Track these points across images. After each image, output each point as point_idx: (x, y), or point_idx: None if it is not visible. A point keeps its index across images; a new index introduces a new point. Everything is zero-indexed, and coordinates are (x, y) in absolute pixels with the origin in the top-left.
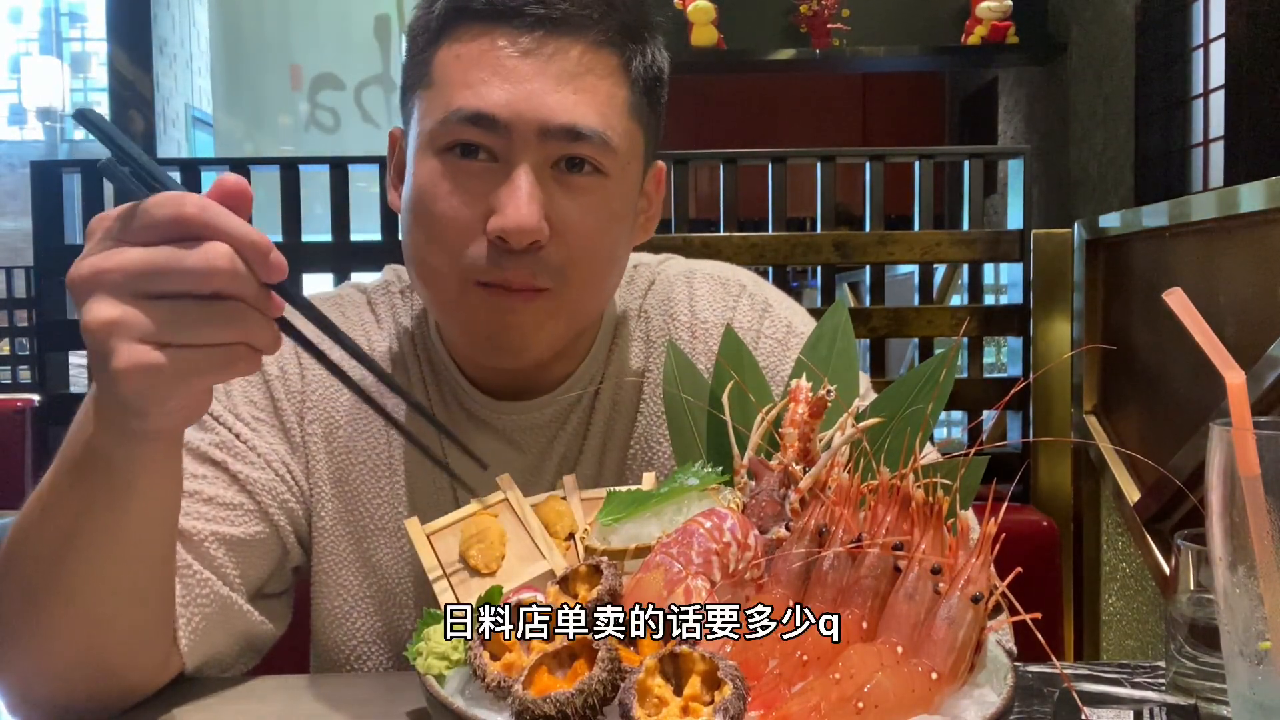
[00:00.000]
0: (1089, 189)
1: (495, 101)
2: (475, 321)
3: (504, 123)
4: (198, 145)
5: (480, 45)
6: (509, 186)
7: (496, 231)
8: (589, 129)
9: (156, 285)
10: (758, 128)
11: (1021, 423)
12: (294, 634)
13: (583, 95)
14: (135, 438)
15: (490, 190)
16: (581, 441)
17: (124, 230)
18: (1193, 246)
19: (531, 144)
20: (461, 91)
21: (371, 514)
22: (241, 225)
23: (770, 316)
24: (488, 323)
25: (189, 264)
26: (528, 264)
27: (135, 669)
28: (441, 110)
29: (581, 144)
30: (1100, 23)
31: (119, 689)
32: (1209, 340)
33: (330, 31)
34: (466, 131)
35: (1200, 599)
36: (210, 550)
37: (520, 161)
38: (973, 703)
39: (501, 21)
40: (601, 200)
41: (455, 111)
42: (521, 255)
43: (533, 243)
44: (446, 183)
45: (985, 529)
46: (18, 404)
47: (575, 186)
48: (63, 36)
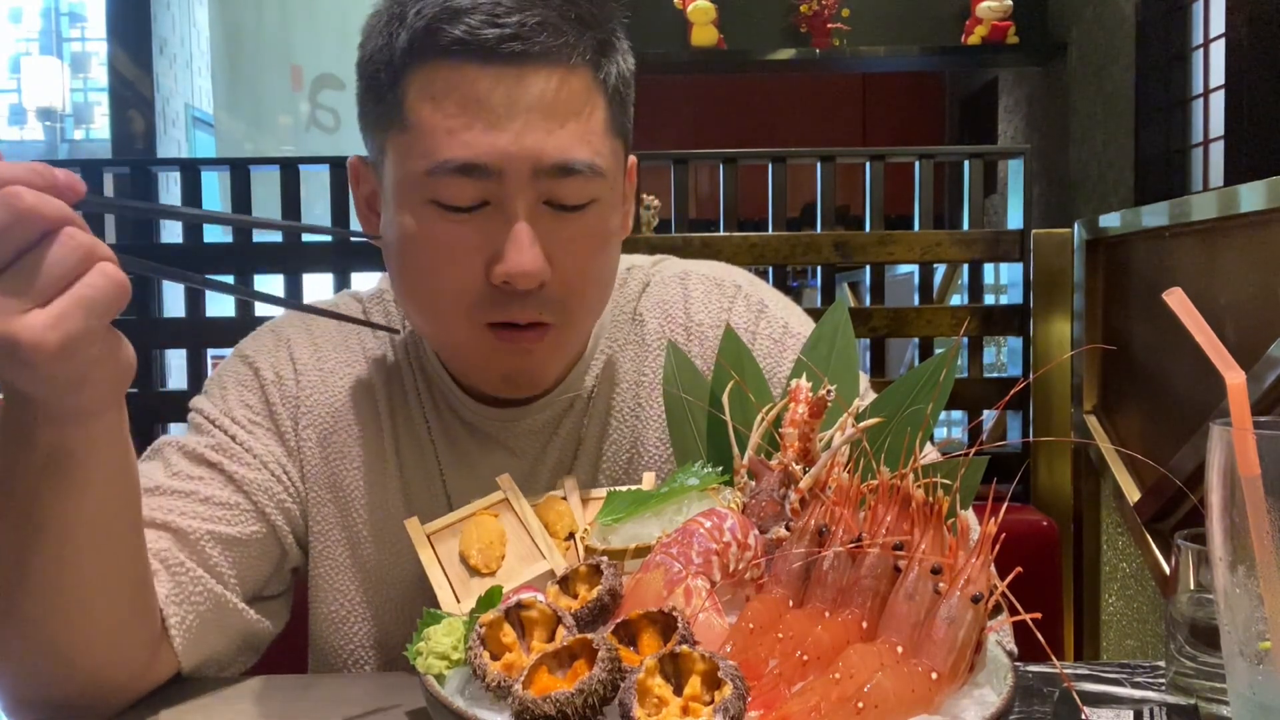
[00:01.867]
0: (1089, 189)
1: (484, 150)
2: (489, 363)
3: (496, 169)
4: (198, 145)
5: (455, 85)
6: (509, 232)
7: (502, 278)
8: (580, 162)
9: None
10: (758, 128)
11: (1021, 423)
12: (293, 634)
13: (568, 129)
14: (73, 418)
15: (487, 235)
16: (576, 446)
17: None
18: (1193, 246)
19: (525, 185)
20: (446, 141)
21: (365, 519)
22: (19, 168)
23: (766, 317)
24: (501, 364)
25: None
26: (533, 303)
27: (116, 666)
28: (425, 160)
29: (573, 179)
30: (1100, 23)
31: (106, 687)
32: (1209, 340)
33: (330, 31)
34: (456, 183)
35: (1200, 599)
36: (206, 549)
37: (516, 204)
38: (973, 703)
39: (474, 60)
40: (595, 225)
41: (443, 164)
42: (525, 295)
43: (540, 284)
44: (440, 234)
45: (985, 529)
46: None
47: (570, 220)
48: (63, 36)
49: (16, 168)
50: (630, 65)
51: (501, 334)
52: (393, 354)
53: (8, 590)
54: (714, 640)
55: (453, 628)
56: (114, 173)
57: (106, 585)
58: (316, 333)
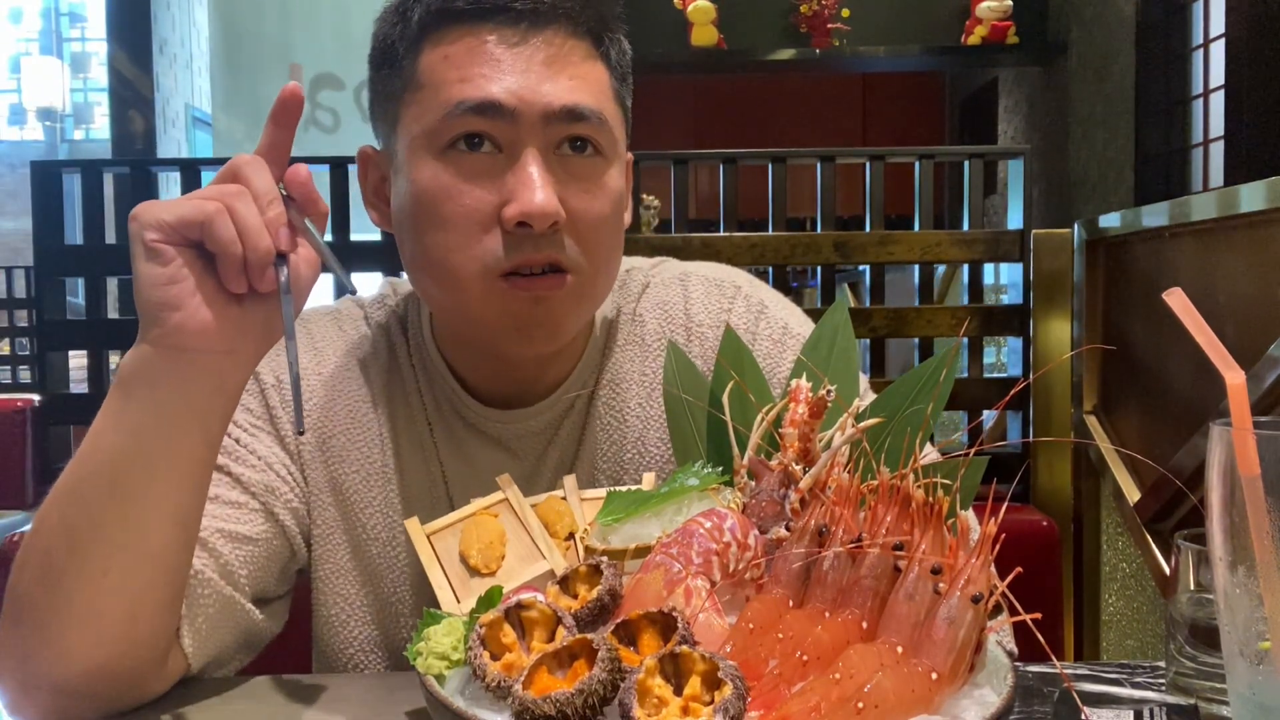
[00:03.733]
0: (1089, 189)
1: (497, 90)
2: (505, 314)
3: (510, 109)
4: (198, 145)
5: (468, 44)
6: (521, 173)
7: (516, 218)
8: (588, 109)
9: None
10: (758, 128)
11: (1021, 423)
12: (295, 634)
13: (576, 79)
14: (174, 352)
15: (500, 180)
16: (576, 447)
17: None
18: (1193, 246)
19: (537, 129)
20: (460, 86)
21: (366, 523)
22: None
23: (766, 317)
24: (517, 314)
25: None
26: (547, 245)
27: (140, 648)
28: (441, 108)
29: (582, 124)
30: (1100, 23)
31: (121, 678)
32: (1209, 340)
33: (330, 31)
34: (472, 123)
35: (1200, 599)
36: (217, 546)
37: (528, 147)
38: (973, 703)
39: (486, 19)
40: (605, 180)
41: (459, 104)
42: (540, 239)
43: (551, 225)
44: (454, 180)
45: (985, 529)
46: (18, 404)
47: (579, 169)
48: (63, 36)
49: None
50: (628, 50)
51: (517, 282)
52: (394, 357)
53: (64, 575)
54: (714, 640)
55: (453, 628)
56: (114, 173)
57: (166, 560)
58: (317, 336)
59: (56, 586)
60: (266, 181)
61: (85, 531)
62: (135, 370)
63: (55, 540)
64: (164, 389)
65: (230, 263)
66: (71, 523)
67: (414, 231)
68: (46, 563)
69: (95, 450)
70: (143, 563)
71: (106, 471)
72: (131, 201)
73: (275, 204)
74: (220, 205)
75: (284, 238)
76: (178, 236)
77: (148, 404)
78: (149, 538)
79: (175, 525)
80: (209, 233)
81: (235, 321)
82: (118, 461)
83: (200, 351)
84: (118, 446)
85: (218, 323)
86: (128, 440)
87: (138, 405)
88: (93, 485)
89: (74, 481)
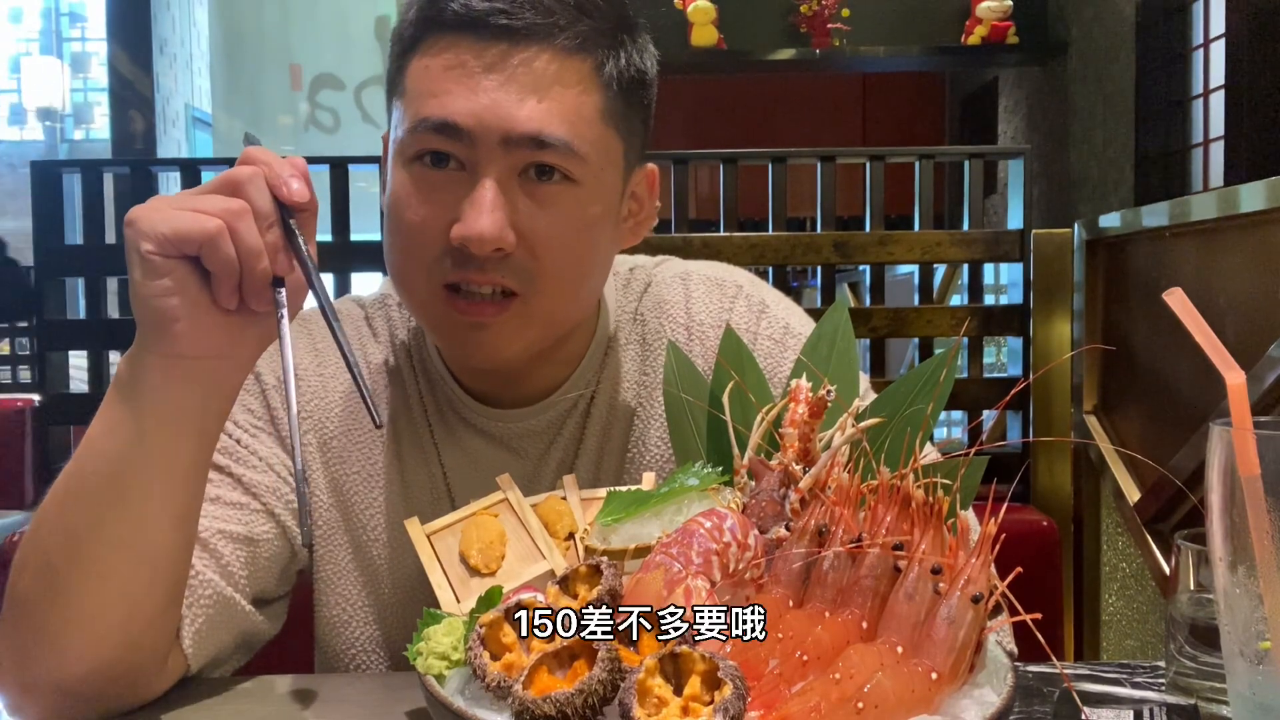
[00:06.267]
0: (1089, 189)
1: (459, 111)
2: (446, 327)
3: (468, 131)
4: (198, 145)
5: (446, 59)
6: (472, 195)
7: (458, 239)
8: (554, 137)
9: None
10: (758, 128)
11: (1021, 423)
12: (296, 633)
13: (549, 104)
14: (172, 359)
15: (454, 196)
16: (578, 446)
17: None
18: (1193, 246)
19: (496, 153)
20: (428, 102)
21: (366, 524)
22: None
23: (767, 317)
24: (457, 334)
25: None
26: (493, 270)
27: (139, 653)
28: (410, 120)
29: (547, 152)
30: (1100, 23)
31: (120, 680)
32: (1209, 340)
33: (330, 31)
34: (432, 140)
35: (1200, 599)
36: (218, 547)
37: (485, 170)
38: (973, 703)
39: (468, 33)
40: (573, 208)
41: (421, 121)
42: (486, 262)
43: (496, 250)
44: (415, 192)
45: (985, 529)
46: (18, 404)
47: (544, 195)
48: (63, 36)
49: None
50: (644, 65)
51: (458, 303)
52: (395, 358)
53: (68, 575)
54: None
55: (453, 628)
56: (114, 173)
57: (165, 560)
58: (317, 338)
59: (56, 588)
60: (268, 202)
61: (84, 533)
62: (132, 374)
63: (54, 542)
64: (161, 392)
65: (227, 282)
66: (70, 524)
67: (385, 232)
68: (45, 564)
69: (93, 452)
70: (141, 563)
71: (105, 473)
72: (131, 201)
73: (275, 227)
74: (221, 225)
75: (282, 262)
76: (174, 250)
77: (145, 407)
78: (147, 538)
79: (174, 525)
80: (209, 252)
81: (233, 329)
82: (115, 463)
83: (198, 358)
84: (115, 448)
85: (216, 331)
86: (125, 442)
87: (135, 408)
88: (91, 487)
89: (72, 483)
